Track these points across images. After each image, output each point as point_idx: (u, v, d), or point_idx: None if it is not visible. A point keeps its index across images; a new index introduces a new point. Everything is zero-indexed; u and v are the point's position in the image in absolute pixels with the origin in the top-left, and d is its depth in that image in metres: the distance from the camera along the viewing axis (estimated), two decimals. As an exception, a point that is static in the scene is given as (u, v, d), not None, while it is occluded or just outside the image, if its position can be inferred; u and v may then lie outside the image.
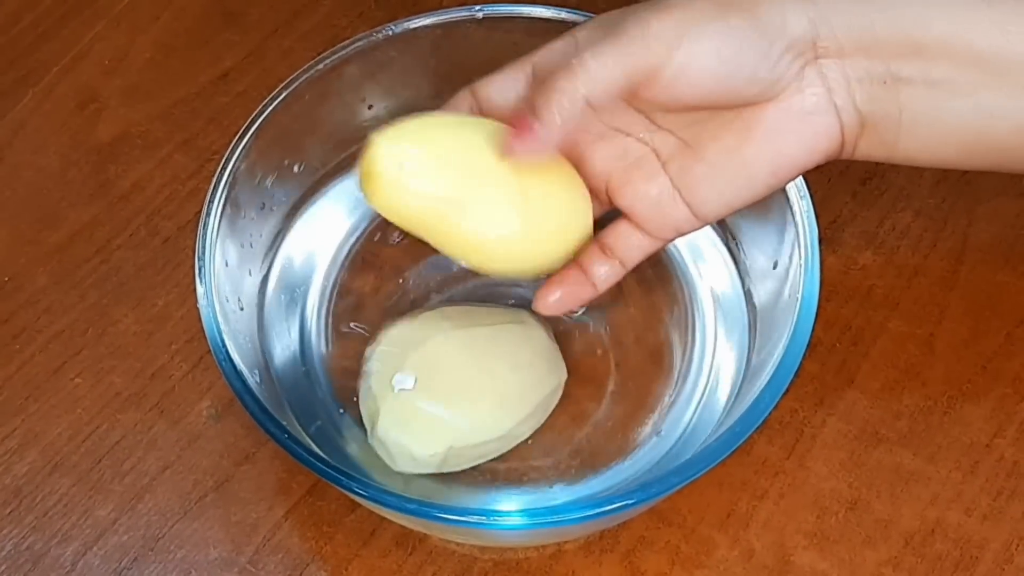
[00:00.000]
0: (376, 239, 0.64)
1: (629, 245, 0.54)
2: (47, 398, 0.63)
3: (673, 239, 0.54)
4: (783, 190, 0.56)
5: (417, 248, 0.54)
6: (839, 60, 0.49)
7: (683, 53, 0.48)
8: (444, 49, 0.61)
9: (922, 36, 0.49)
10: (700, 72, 0.48)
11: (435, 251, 0.52)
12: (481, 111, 0.54)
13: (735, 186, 0.52)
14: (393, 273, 0.63)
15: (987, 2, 0.49)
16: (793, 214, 0.56)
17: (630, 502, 0.51)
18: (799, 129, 0.50)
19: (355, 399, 0.60)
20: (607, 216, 0.55)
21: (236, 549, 0.59)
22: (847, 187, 0.67)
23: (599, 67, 0.48)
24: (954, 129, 0.50)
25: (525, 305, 0.58)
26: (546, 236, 0.53)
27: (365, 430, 0.59)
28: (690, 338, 0.62)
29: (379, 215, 0.51)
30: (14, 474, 0.61)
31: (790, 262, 0.56)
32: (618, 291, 0.61)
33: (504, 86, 0.53)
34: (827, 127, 0.50)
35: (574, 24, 0.55)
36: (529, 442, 0.59)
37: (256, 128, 0.59)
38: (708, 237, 0.63)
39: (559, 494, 0.58)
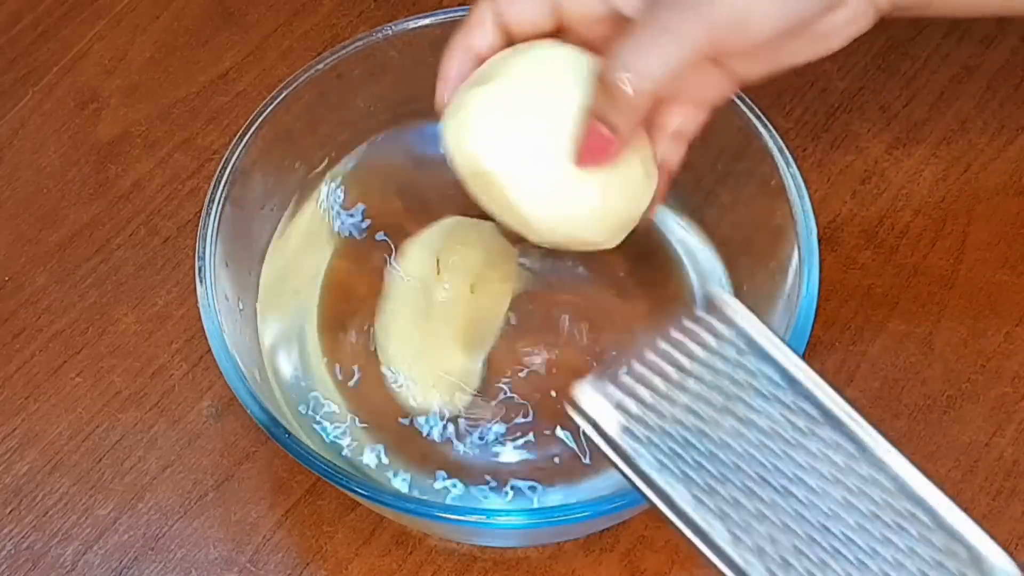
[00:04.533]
0: (376, 239, 0.64)
1: (682, 122, 0.55)
2: (47, 397, 0.63)
3: (720, 103, 0.55)
4: (783, 189, 0.56)
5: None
6: None
7: (746, 12, 0.48)
8: (444, 49, 0.61)
9: None
10: (761, 25, 0.49)
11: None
12: (503, 28, 0.53)
13: (779, 66, 0.53)
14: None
15: None
16: (793, 213, 0.56)
17: (630, 501, 0.51)
18: (841, 31, 0.52)
19: (355, 399, 0.60)
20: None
21: (236, 548, 0.59)
22: (847, 186, 0.67)
23: (662, 71, 0.48)
24: (983, 2, 0.53)
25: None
26: (614, 213, 0.53)
27: (364, 428, 0.59)
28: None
29: (380, 214, 0.51)
30: (14, 473, 0.61)
31: (789, 261, 0.56)
32: (618, 291, 0.61)
33: (523, 8, 0.53)
34: (865, 21, 0.52)
35: None
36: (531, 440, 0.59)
37: (256, 128, 0.59)
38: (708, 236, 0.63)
39: (559, 494, 0.58)
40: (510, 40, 0.53)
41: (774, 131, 0.57)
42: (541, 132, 0.51)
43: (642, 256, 0.62)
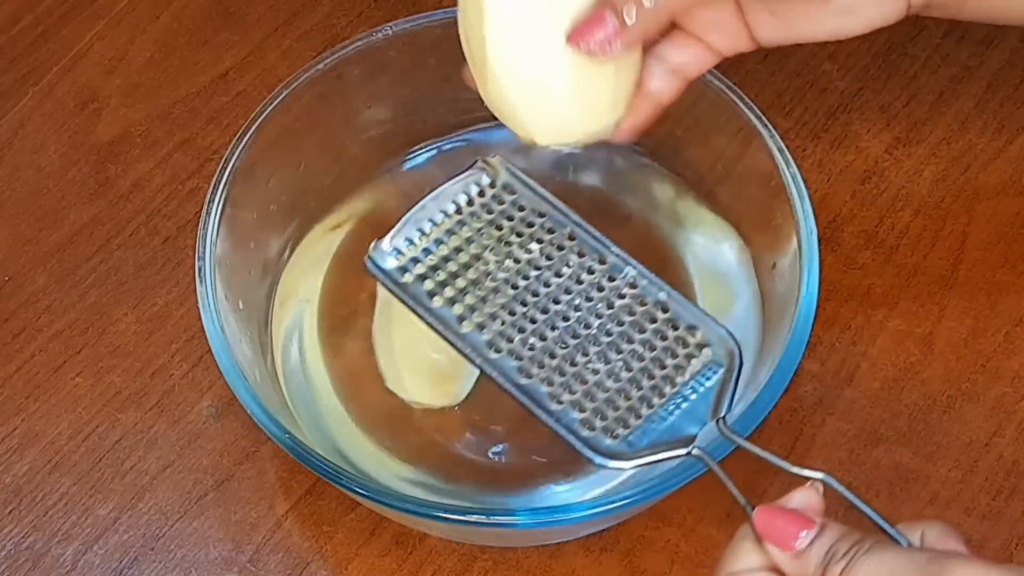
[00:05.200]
0: (376, 239, 0.64)
1: (688, 60, 0.55)
2: (47, 397, 0.63)
3: (732, 54, 0.55)
4: (783, 189, 0.56)
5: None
6: None
7: None
8: (444, 49, 0.61)
9: None
10: None
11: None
12: None
13: (795, 36, 0.54)
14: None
15: None
16: (793, 213, 0.56)
17: (630, 501, 0.51)
18: (868, 12, 0.52)
19: (354, 399, 0.60)
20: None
21: (236, 548, 0.59)
22: (847, 186, 0.67)
23: None
24: (1020, 6, 0.52)
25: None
26: (585, 106, 0.53)
27: (364, 428, 0.59)
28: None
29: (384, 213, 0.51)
30: (14, 473, 0.61)
31: (789, 261, 0.56)
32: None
33: None
34: (894, 9, 0.52)
35: None
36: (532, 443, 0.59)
37: (256, 128, 0.59)
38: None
39: (559, 494, 0.58)
40: None
41: (774, 131, 0.57)
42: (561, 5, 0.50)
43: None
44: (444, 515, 0.51)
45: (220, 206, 0.57)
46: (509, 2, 0.50)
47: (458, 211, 0.53)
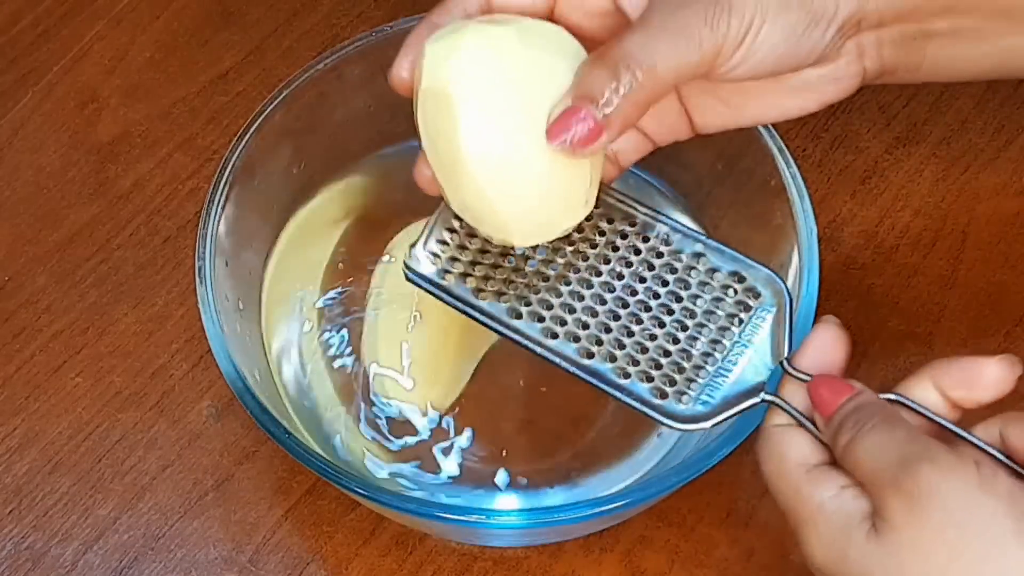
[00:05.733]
0: (376, 239, 0.64)
1: (626, 148, 0.54)
2: (47, 397, 0.63)
3: (668, 143, 0.55)
4: (783, 189, 0.56)
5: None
6: (877, 29, 0.50)
7: (747, 51, 0.48)
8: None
9: None
10: (757, 65, 0.48)
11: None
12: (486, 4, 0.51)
13: (742, 120, 0.53)
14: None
15: None
16: (793, 213, 0.56)
17: (630, 501, 0.51)
18: (823, 88, 0.51)
19: (354, 398, 0.60)
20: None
21: (236, 548, 0.59)
22: (846, 186, 0.67)
23: (666, 71, 0.46)
24: (973, 66, 0.52)
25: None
26: (562, 204, 0.50)
27: (364, 428, 0.59)
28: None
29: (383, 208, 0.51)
30: (14, 473, 0.61)
31: (789, 261, 0.56)
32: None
33: None
34: (849, 85, 0.51)
35: None
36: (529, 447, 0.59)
37: (256, 128, 0.59)
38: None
39: (559, 494, 0.58)
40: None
41: (774, 131, 0.57)
42: (523, 90, 0.47)
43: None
44: (444, 515, 0.51)
45: (220, 206, 0.57)
46: (482, 101, 0.47)
47: None
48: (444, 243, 0.52)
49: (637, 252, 0.51)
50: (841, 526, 0.42)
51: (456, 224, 0.52)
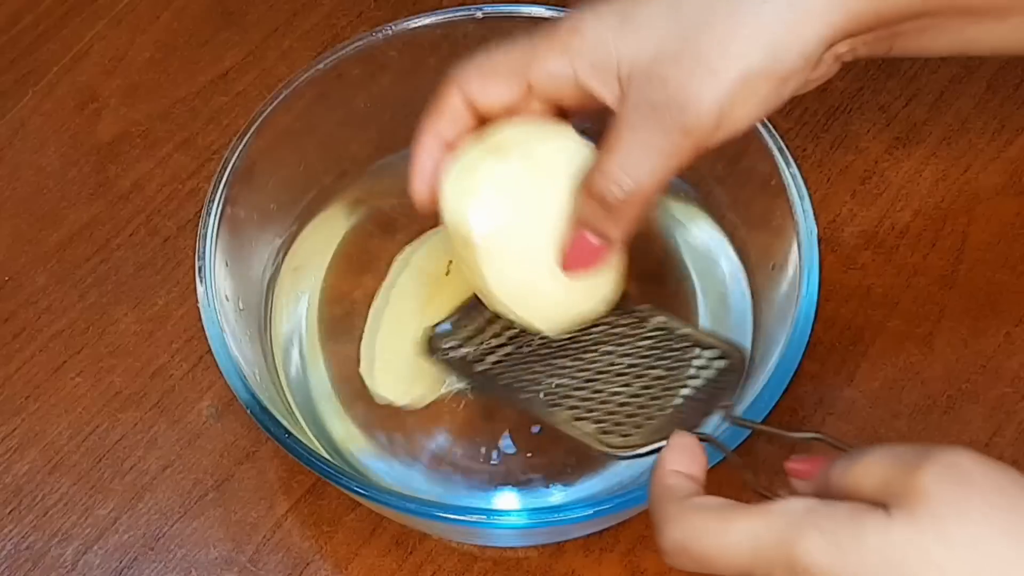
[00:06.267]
0: (375, 239, 0.64)
1: None
2: (47, 397, 0.63)
3: None
4: (783, 189, 0.56)
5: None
6: (853, 39, 0.50)
7: (726, 131, 0.49)
8: (444, 49, 0.61)
9: (927, 3, 0.50)
10: (741, 128, 0.49)
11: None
12: (472, 110, 0.52)
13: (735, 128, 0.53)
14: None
15: None
16: (793, 213, 0.56)
17: (630, 501, 0.51)
18: (801, 89, 0.51)
19: (354, 398, 0.60)
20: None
21: (236, 548, 0.59)
22: (846, 187, 0.67)
23: (653, 183, 0.49)
24: (938, 50, 0.53)
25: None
26: (587, 306, 0.55)
27: (364, 428, 0.59)
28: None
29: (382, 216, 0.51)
30: (14, 473, 0.61)
31: (789, 261, 0.56)
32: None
33: (497, 91, 0.52)
34: (825, 78, 0.52)
35: None
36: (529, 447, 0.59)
37: (256, 128, 0.59)
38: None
39: (558, 493, 0.58)
40: (481, 121, 0.52)
41: (774, 131, 0.57)
42: (539, 223, 0.52)
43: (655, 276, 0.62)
44: (444, 515, 0.51)
45: (220, 206, 0.57)
46: (501, 243, 0.51)
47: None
48: (460, 341, 0.56)
49: (627, 337, 0.55)
50: (847, 515, 0.39)
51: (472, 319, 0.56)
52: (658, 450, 0.49)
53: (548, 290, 0.53)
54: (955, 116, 0.68)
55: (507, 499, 0.58)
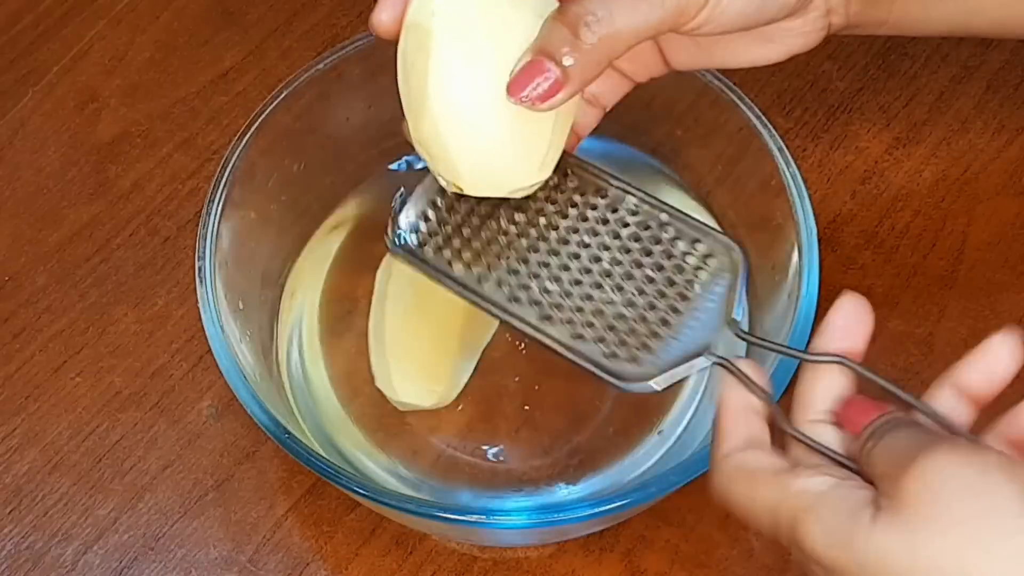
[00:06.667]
0: (375, 239, 0.64)
1: (604, 89, 0.55)
2: (47, 397, 0.63)
3: (645, 80, 0.55)
4: (783, 189, 0.56)
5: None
6: None
7: (711, 11, 0.48)
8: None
9: None
10: (724, 24, 0.49)
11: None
12: None
13: (711, 61, 0.54)
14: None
15: None
16: (793, 213, 0.56)
17: (630, 501, 0.51)
18: (790, 41, 0.52)
19: (354, 399, 0.60)
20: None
21: (236, 548, 0.59)
22: (846, 187, 0.67)
23: (627, 31, 0.47)
24: (937, 23, 0.53)
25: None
26: (517, 161, 0.50)
27: (364, 428, 0.59)
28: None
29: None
30: (14, 473, 0.61)
31: (789, 261, 0.56)
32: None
33: None
34: (816, 38, 0.52)
35: None
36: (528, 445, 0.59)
37: (256, 128, 0.59)
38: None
39: (559, 493, 0.58)
40: None
41: (774, 131, 0.57)
42: (498, 40, 0.48)
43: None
44: (444, 515, 0.51)
45: (220, 206, 0.57)
46: (459, 41, 0.48)
47: None
48: (426, 216, 0.53)
49: (605, 222, 0.52)
50: (847, 511, 0.41)
51: (437, 199, 0.53)
52: (671, 377, 0.48)
53: (488, 124, 0.48)
54: (955, 116, 0.68)
55: (507, 499, 0.58)
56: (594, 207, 0.53)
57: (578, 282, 0.51)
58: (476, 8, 0.48)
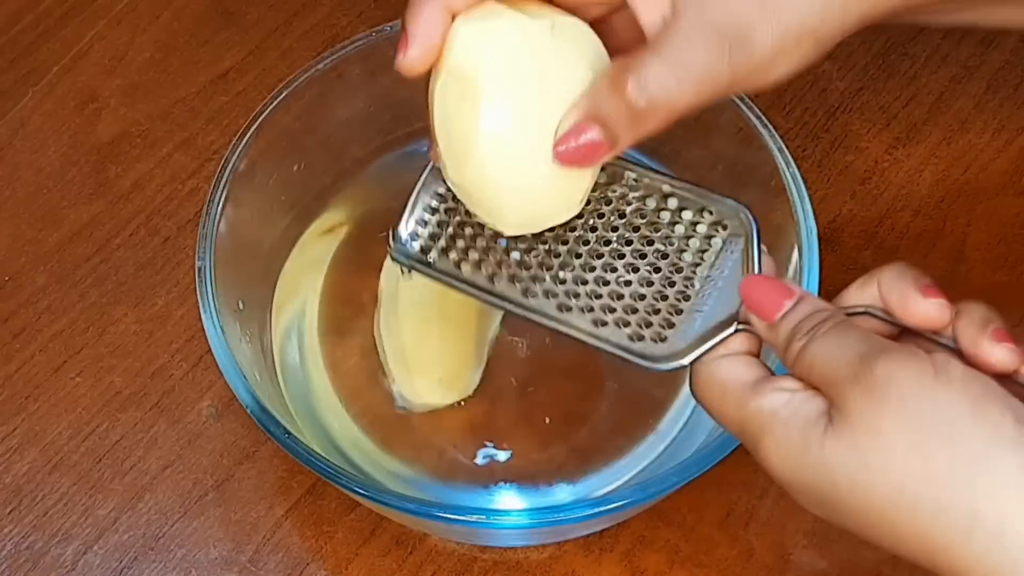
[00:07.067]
0: (375, 239, 0.64)
1: None
2: (47, 397, 0.63)
3: None
4: (783, 189, 0.56)
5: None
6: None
7: (758, 83, 0.48)
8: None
9: None
10: (779, 74, 0.49)
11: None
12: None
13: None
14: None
15: None
16: (793, 213, 0.56)
17: (630, 501, 0.51)
18: (791, 58, 0.50)
19: (354, 399, 0.60)
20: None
21: (236, 548, 0.59)
22: (847, 187, 0.67)
23: (681, 105, 0.46)
24: (966, 19, 0.53)
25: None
26: (559, 202, 0.50)
27: (364, 428, 0.59)
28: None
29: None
30: (14, 473, 0.61)
31: (790, 262, 0.56)
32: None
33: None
34: (816, 50, 0.51)
35: None
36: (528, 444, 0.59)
37: (256, 128, 0.59)
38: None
39: (559, 493, 0.58)
40: None
41: (774, 131, 0.57)
42: (547, 96, 0.47)
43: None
44: (444, 515, 0.51)
45: (220, 206, 0.57)
46: (507, 91, 0.47)
47: None
48: (424, 222, 0.53)
49: (608, 202, 0.51)
50: (798, 429, 0.42)
51: (434, 201, 0.53)
52: (703, 352, 0.47)
53: (534, 174, 0.47)
54: (955, 116, 0.68)
55: (507, 499, 0.58)
56: (593, 188, 0.51)
57: (591, 267, 0.50)
58: (526, 57, 0.47)
